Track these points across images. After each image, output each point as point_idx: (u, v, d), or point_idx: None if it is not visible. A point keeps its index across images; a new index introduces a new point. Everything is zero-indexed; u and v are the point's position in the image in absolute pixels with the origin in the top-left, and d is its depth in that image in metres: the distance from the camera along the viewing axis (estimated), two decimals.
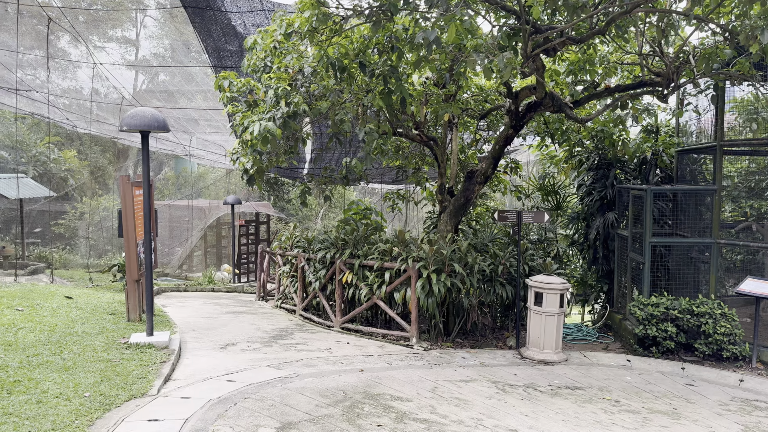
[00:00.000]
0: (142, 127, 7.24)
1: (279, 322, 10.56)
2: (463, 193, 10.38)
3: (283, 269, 12.10)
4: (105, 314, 8.99)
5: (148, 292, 7.66)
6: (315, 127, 14.42)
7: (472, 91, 11.41)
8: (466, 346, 9.56)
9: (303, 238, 11.71)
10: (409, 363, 8.04)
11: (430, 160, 12.93)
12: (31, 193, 15.17)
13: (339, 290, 10.11)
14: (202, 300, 13.00)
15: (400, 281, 9.26)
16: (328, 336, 9.56)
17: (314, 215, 30.74)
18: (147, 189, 7.61)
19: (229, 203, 17.98)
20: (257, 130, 8.27)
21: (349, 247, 10.03)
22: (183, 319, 10.12)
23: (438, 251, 9.10)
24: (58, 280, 14.49)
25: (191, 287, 15.62)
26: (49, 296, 9.70)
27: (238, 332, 9.34)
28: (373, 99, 8.39)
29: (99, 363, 6.64)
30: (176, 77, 21.03)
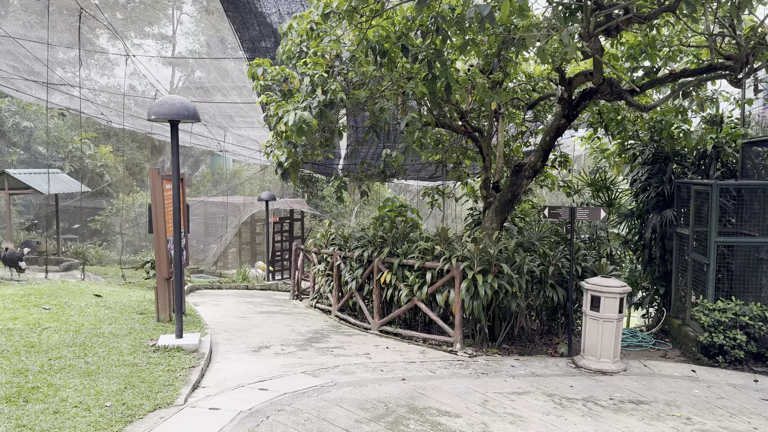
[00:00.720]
0: (170, 116, 6.75)
1: (314, 323, 10.01)
2: (509, 188, 9.65)
3: (318, 268, 11.56)
4: (134, 314, 8.58)
5: (177, 292, 7.18)
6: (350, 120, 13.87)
7: (518, 80, 10.65)
8: (514, 353, 8.85)
9: (339, 235, 11.14)
10: (453, 371, 7.38)
11: (471, 154, 12.21)
12: (66, 189, 15.01)
13: (377, 291, 9.50)
14: (236, 298, 12.56)
15: (443, 282, 8.60)
16: (365, 339, 8.96)
17: (348, 212, 30.24)
18: (177, 182, 7.12)
19: (264, 200, 17.57)
20: (292, 119, 7.72)
21: (388, 246, 9.42)
22: (215, 318, 9.66)
23: (484, 250, 8.41)
24: (93, 277, 14.28)
25: (225, 284, 15.25)
26: (78, 294, 9.35)
27: (272, 334, 8.83)
28: (415, 86, 7.74)
29: (124, 368, 6.17)
30: (212, 74, 20.83)
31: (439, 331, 9.27)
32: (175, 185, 7.10)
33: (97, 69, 26.23)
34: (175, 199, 7.10)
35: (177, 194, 7.11)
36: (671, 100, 9.58)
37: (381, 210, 13.78)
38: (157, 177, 8.10)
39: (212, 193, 26.43)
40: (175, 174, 7.10)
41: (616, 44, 8.94)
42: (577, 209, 8.92)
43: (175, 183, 7.11)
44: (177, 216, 7.12)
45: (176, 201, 7.10)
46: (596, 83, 8.35)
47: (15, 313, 7.77)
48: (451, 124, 9.35)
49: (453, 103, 9.03)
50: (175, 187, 7.11)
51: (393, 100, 8.18)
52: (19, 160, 18.15)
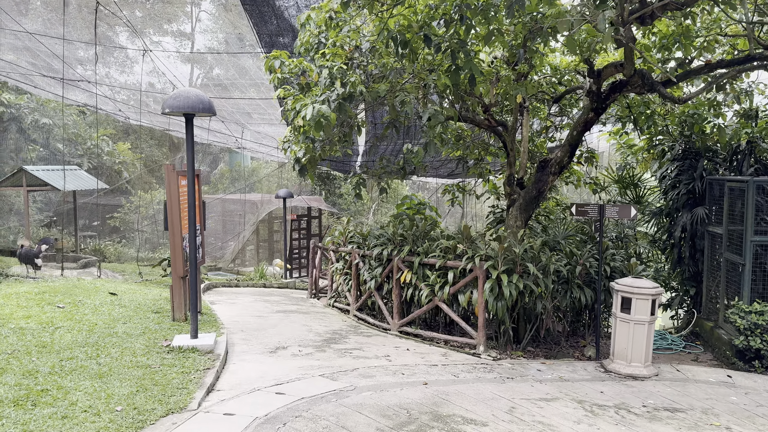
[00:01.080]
0: (185, 109, 6.50)
1: (332, 323, 9.74)
2: (534, 184, 9.28)
3: (336, 266, 11.29)
4: (149, 312, 8.38)
5: (192, 291, 6.95)
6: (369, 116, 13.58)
7: (543, 72, 10.27)
8: (539, 356, 8.50)
9: (357, 233, 10.86)
10: (477, 375, 7.05)
11: (494, 150, 11.86)
12: (83, 185, 14.93)
13: (396, 290, 9.20)
14: (253, 297, 12.35)
15: (466, 282, 8.27)
16: (384, 340, 8.67)
17: (366, 210, 29.97)
18: (192, 178, 6.89)
19: (281, 197, 17.36)
20: (310, 113, 7.44)
21: (408, 244, 9.11)
22: (231, 318, 9.44)
23: (509, 249, 8.06)
24: (110, 274, 14.17)
25: (243, 282, 15.06)
26: (93, 292, 9.18)
27: (289, 334, 8.57)
28: (438, 78, 7.41)
29: (137, 369, 5.94)
30: (230, 71, 20.75)
31: (461, 333, 8.95)
32: (190, 181, 6.86)
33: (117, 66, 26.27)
34: (190, 195, 6.86)
35: (192, 190, 6.87)
36: (704, 93, 9.13)
37: (399, 208, 13.47)
38: (173, 173, 7.88)
39: (230, 191, 26.34)
40: (190, 169, 6.86)
41: (647, 34, 8.53)
42: (606, 207, 8.54)
43: (190, 179, 6.87)
44: (192, 213, 6.88)
45: (191, 197, 6.86)
46: (627, 75, 7.95)
47: (28, 312, 7.60)
48: (473, 118, 9.01)
49: (476, 96, 8.69)
50: (190, 183, 6.87)
51: (414, 93, 7.86)
52: (39, 157, 18.16)
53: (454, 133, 11.78)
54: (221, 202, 23.49)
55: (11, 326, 6.91)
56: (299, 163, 9.29)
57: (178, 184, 7.93)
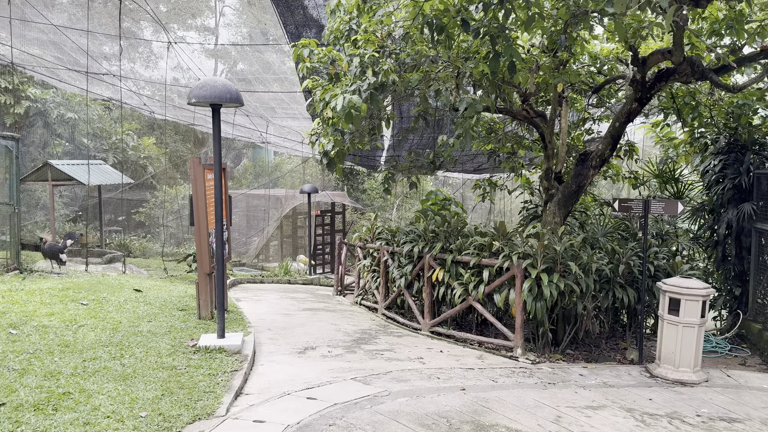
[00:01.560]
0: (212, 99, 6.19)
1: (360, 322, 9.40)
2: (574, 179, 8.82)
3: (364, 263, 10.95)
4: (174, 310, 8.12)
5: (219, 288, 6.65)
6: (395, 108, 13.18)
7: (581, 61, 9.76)
8: (579, 359, 8.06)
9: (386, 229, 10.50)
10: (517, 380, 6.65)
11: (527, 143, 11.39)
12: (108, 180, 14.80)
13: (428, 289, 8.82)
14: (278, 293, 12.07)
15: (502, 281, 7.86)
16: (416, 341, 8.30)
17: (389, 206, 29.59)
18: (219, 172, 6.58)
19: (306, 192, 17.07)
20: (340, 104, 7.09)
21: (440, 241, 8.71)
22: (258, 316, 9.15)
23: (549, 247, 7.63)
24: (135, 269, 14.01)
25: (267, 278, 14.82)
26: (118, 289, 8.96)
27: (318, 333, 8.25)
28: (475, 65, 6.99)
29: (162, 371, 5.66)
30: (254, 65, 20.57)
31: (496, 334, 8.54)
32: (217, 175, 6.55)
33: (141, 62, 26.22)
34: (217, 189, 6.56)
35: (219, 184, 6.56)
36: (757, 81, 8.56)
37: (424, 203, 13.12)
38: (198, 166, 7.59)
39: (254, 186, 26.18)
40: (217, 163, 6.55)
41: (697, 19, 8.00)
42: (651, 202, 8.04)
43: (216, 172, 6.56)
44: (219, 208, 6.58)
45: (218, 192, 6.56)
46: (676, 62, 7.45)
47: (52, 309, 7.39)
48: (510, 108, 8.57)
49: (514, 85, 8.24)
50: (216, 177, 6.56)
51: (449, 81, 7.45)
52: (64, 152, 18.13)
53: (485, 126, 11.35)
54: (245, 198, 23.31)
55: (34, 324, 6.69)
56: (327, 156, 8.95)
57: (204, 178, 7.63)
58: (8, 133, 9.18)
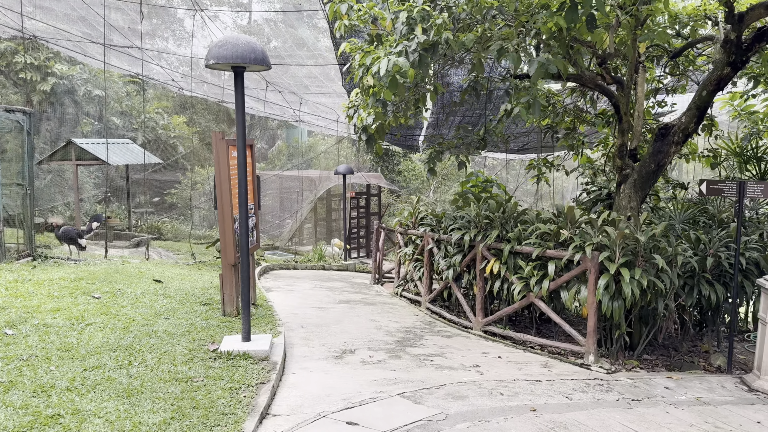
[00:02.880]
0: (233, 59, 5.12)
1: (403, 318, 8.34)
2: (652, 156, 7.52)
3: (405, 251, 9.85)
4: (197, 305, 7.18)
5: (244, 284, 5.65)
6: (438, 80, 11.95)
7: (656, 24, 8.37)
8: (659, 367, 6.86)
9: (430, 214, 9.37)
10: (595, 397, 5.49)
11: (589, 118, 10.06)
12: (134, 159, 14.02)
13: (480, 283, 7.69)
14: (312, 282, 11.10)
15: (571, 276, 6.67)
16: (468, 343, 7.19)
17: (426, 188, 28.37)
18: (243, 148, 5.54)
19: (341, 173, 16.02)
20: (384, 68, 5.95)
21: (496, 228, 7.54)
22: (290, 310, 8.17)
23: (629, 237, 6.39)
24: (163, 254, 13.25)
25: (300, 264, 13.89)
26: (136, 279, 8.08)
27: (356, 332, 7.22)
28: (548, 18, 5.75)
29: (175, 384, 4.70)
30: (287, 42, 19.64)
31: (561, 337, 7.39)
32: (241, 151, 5.51)
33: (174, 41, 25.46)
34: (241, 168, 5.52)
35: (243, 162, 5.52)
36: None
37: (464, 185, 12.01)
38: (221, 142, 6.57)
39: (287, 167, 25.29)
40: (240, 136, 5.50)
41: None
42: (747, 184, 6.72)
43: (240, 148, 5.52)
44: (243, 189, 5.55)
45: (242, 171, 5.52)
46: None
47: (59, 303, 6.52)
48: (582, 73, 7.28)
49: (589, 45, 6.95)
50: (240, 154, 5.52)
51: (512, 39, 6.22)
52: (93, 131, 17.48)
53: (542, 98, 10.06)
54: (278, 179, 22.44)
55: (35, 322, 5.82)
56: (366, 132, 7.84)
57: (228, 156, 6.62)
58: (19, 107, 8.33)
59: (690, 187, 10.13)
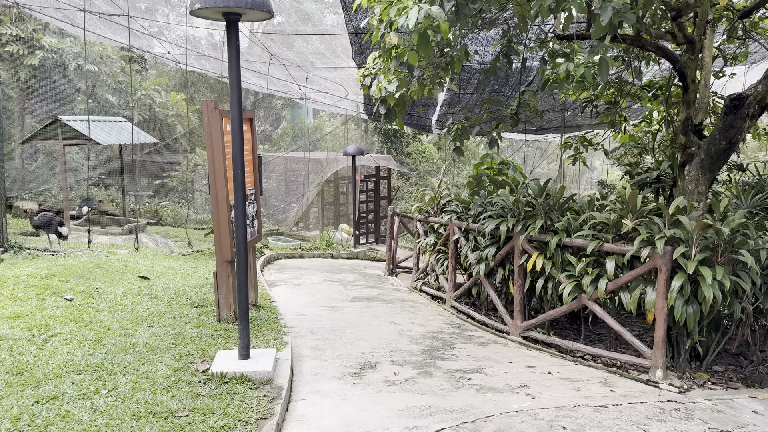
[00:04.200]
0: (225, 2, 3.91)
1: (427, 319, 7.20)
2: (723, 132, 6.29)
3: (426, 241, 8.68)
4: (188, 307, 6.05)
5: (240, 288, 4.50)
6: None
7: None
8: (732, 380, 5.72)
9: (455, 200, 8.18)
10: (676, 428, 4.35)
11: (634, 90, 8.82)
12: (127, 139, 12.81)
13: (519, 280, 6.52)
14: (321, 274, 9.96)
15: (635, 275, 5.50)
16: (507, 352, 6.05)
17: (436, 170, 27.09)
18: (238, 117, 4.34)
19: (350, 154, 14.81)
20: (414, 19, 4.72)
21: (539, 217, 6.35)
22: (297, 309, 7.03)
23: (710, 229, 5.20)
24: (161, 240, 12.12)
25: (307, 252, 12.76)
26: (120, 275, 6.94)
27: (375, 339, 6.08)
28: None
29: (150, 421, 3.57)
30: (292, 17, 18.34)
31: (617, 345, 6.25)
32: (236, 122, 4.32)
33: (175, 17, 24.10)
34: (236, 143, 4.34)
35: (239, 136, 4.34)
36: None
37: (477, 168, 10.85)
38: (214, 113, 5.37)
39: (292, 149, 24.04)
40: (236, 103, 4.31)
41: None
42: None
43: (235, 118, 4.33)
44: (239, 170, 4.37)
45: (237, 147, 4.34)
46: None
47: (21, 307, 5.38)
48: (648, 30, 6.02)
49: None
50: (235, 125, 4.33)
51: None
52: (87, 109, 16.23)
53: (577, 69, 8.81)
54: (283, 161, 21.24)
55: None
56: (385, 104, 6.63)
57: (222, 130, 5.42)
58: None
59: (747, 168, 8.90)
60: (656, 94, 8.88)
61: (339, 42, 19.63)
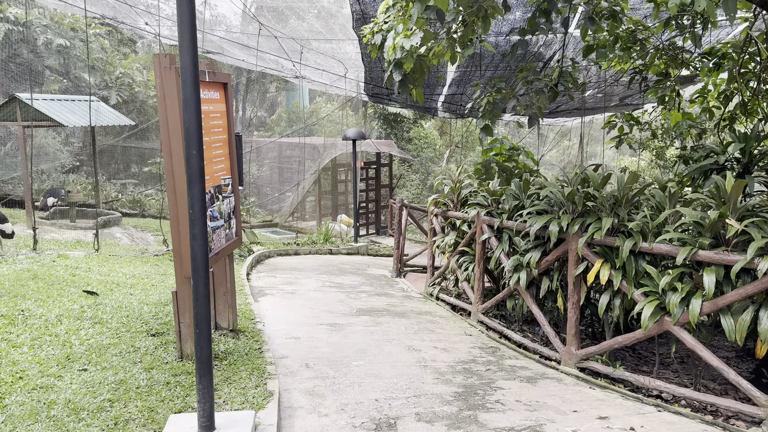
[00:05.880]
0: None
1: (452, 341, 5.68)
2: None
3: (446, 240, 7.15)
4: (142, 335, 4.50)
5: (198, 327, 2.96)
6: None
7: None
8: None
9: (484, 190, 6.63)
10: None
11: (691, 60, 7.29)
12: (102, 121, 11.21)
13: (575, 295, 5.00)
14: (319, 277, 8.41)
15: (746, 295, 3.98)
16: (563, 390, 4.54)
17: (438, 156, 25.48)
18: (191, 67, 2.77)
19: (350, 138, 13.24)
20: None
21: (605, 214, 4.81)
22: (289, 330, 5.50)
23: None
24: (137, 235, 10.56)
25: (303, 248, 11.23)
26: (61, 289, 5.38)
27: (391, 375, 4.56)
28: None
29: None
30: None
31: (726, 389, 4.75)
32: (187, 72, 2.76)
33: None
34: (188, 108, 2.78)
35: (193, 98, 2.78)
36: None
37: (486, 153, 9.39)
38: (169, 71, 3.79)
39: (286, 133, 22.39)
40: (187, 43, 2.74)
41: None
42: None
43: (187, 67, 2.76)
44: (194, 150, 2.81)
45: (190, 114, 2.78)
46: None
47: None
48: None
49: None
50: (187, 83, 2.77)
51: None
52: (61, 89, 14.62)
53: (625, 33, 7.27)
54: (277, 147, 19.62)
55: None
56: (400, 68, 5.05)
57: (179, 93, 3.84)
58: None
59: None
60: (719, 63, 7.34)
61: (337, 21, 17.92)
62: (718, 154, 6.65)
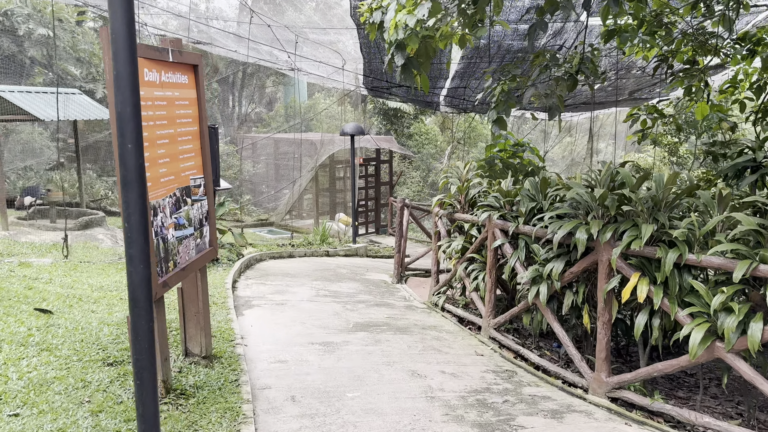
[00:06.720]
0: None
1: (461, 361, 4.96)
2: None
3: (452, 246, 6.42)
4: (97, 365, 3.77)
5: (141, 380, 2.23)
6: None
7: None
8: None
9: (497, 190, 5.90)
10: None
11: (720, 47, 6.56)
12: (84, 114, 10.45)
13: (606, 313, 4.27)
14: (313, 284, 7.68)
15: None
16: (595, 429, 3.82)
17: (439, 153, 24.70)
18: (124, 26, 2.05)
19: (348, 133, 12.50)
20: None
21: (644, 220, 4.08)
22: (275, 352, 4.77)
23: None
24: (120, 236, 9.81)
25: (298, 249, 10.50)
26: (11, 305, 4.63)
27: (392, 410, 3.84)
28: None
29: None
30: None
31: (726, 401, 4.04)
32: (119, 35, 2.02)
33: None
34: (120, 84, 2.06)
35: (126, 69, 2.05)
36: None
37: (489, 150, 8.82)
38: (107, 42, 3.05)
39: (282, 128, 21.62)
40: None
41: None
42: None
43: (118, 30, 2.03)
44: (129, 144, 2.09)
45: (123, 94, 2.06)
46: None
47: None
48: None
49: None
50: (120, 46, 2.04)
51: None
52: (45, 82, 13.86)
53: (651, 16, 6.54)
54: (273, 142, 18.88)
55: None
56: (402, 51, 4.32)
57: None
58: None
59: None
60: (753, 50, 6.60)
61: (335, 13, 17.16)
62: (754, 150, 5.93)
